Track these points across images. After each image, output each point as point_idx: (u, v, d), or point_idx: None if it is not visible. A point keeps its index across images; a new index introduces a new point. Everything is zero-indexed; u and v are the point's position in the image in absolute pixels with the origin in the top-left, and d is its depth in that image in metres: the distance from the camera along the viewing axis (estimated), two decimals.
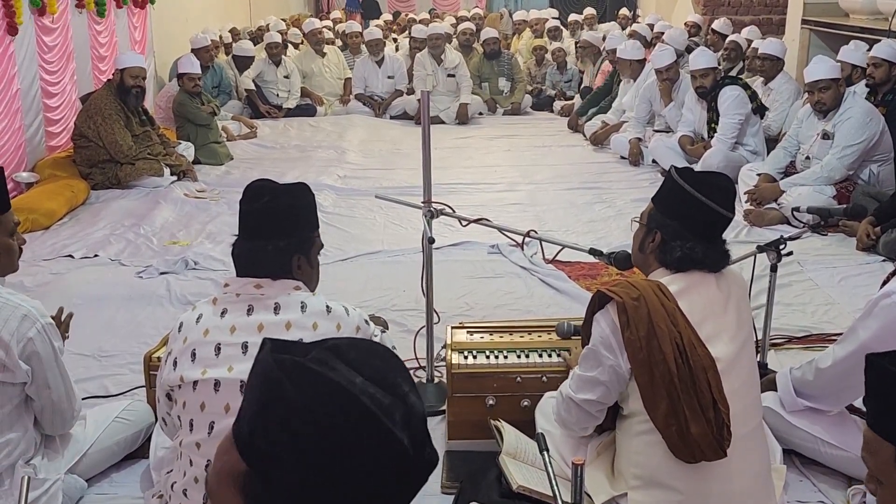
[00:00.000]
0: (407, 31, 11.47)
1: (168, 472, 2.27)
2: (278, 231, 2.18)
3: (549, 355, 2.82)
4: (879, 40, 5.75)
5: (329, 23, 12.49)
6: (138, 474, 2.72)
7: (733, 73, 7.49)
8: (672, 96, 6.96)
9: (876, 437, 1.33)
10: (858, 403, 2.68)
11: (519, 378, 2.75)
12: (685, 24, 10.02)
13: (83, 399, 2.86)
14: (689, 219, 2.22)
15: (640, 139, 7.13)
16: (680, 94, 6.89)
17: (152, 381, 2.73)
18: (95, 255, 4.86)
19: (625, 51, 7.75)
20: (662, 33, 8.70)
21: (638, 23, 10.58)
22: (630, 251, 2.53)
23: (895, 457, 1.30)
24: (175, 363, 2.16)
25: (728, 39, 8.37)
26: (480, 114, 9.51)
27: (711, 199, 2.20)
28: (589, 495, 2.23)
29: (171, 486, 2.18)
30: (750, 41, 7.76)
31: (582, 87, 9.61)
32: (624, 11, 12.74)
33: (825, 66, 5.15)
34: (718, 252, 2.25)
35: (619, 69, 7.99)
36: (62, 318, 2.66)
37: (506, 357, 2.81)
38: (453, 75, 9.22)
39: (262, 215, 2.17)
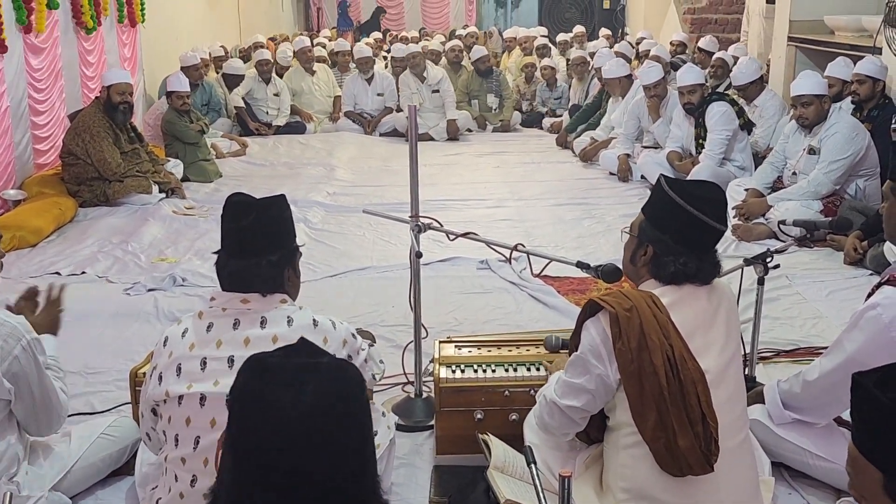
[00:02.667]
0: None
1: (153, 489, 2.26)
2: (270, 246, 2.18)
3: (538, 369, 2.81)
4: (864, 57, 5.80)
5: (323, 41, 12.53)
6: (123, 491, 2.70)
7: (720, 89, 7.54)
8: (660, 112, 7.00)
9: (862, 458, 1.31)
10: (846, 416, 2.68)
11: (507, 392, 2.74)
12: (671, 42, 10.11)
13: (69, 416, 2.84)
14: (681, 233, 2.20)
15: (628, 155, 7.16)
16: (668, 110, 6.93)
17: (138, 398, 2.71)
18: (83, 273, 4.84)
19: (609, 70, 7.80)
20: (649, 51, 8.80)
21: (619, 41, 10.69)
22: (617, 264, 2.54)
23: (882, 483, 1.28)
24: (160, 378, 2.14)
25: (714, 57, 8.45)
26: (470, 130, 9.54)
27: (703, 213, 2.18)
28: None
29: (156, 502, 2.16)
30: (736, 58, 7.84)
31: (570, 105, 9.66)
32: (605, 31, 12.84)
33: (810, 82, 5.20)
34: (710, 264, 2.24)
35: (609, 89, 8.04)
36: (53, 294, 2.64)
37: (494, 371, 2.80)
38: (438, 91, 9.25)
39: (254, 231, 2.16)
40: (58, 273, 4.81)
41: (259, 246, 2.16)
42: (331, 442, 1.19)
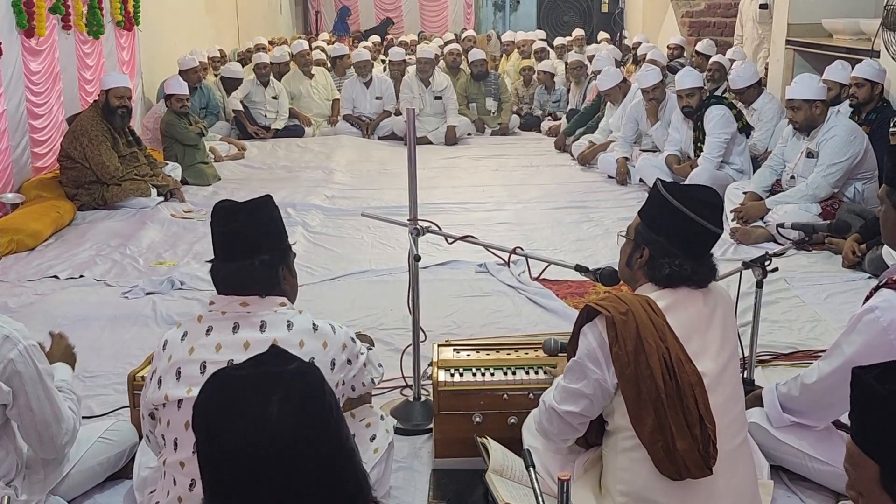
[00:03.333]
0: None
1: (151, 492, 2.26)
2: (262, 246, 2.18)
3: (536, 372, 2.81)
4: (862, 60, 5.81)
5: (322, 44, 12.53)
6: (122, 495, 2.69)
7: (718, 92, 7.55)
8: (658, 115, 7.01)
9: (860, 453, 1.32)
10: (845, 419, 2.68)
11: (506, 395, 2.74)
12: (668, 46, 10.14)
13: None
14: (677, 235, 2.21)
15: (627, 158, 7.16)
16: (666, 113, 6.94)
17: (136, 401, 2.71)
18: (81, 276, 4.83)
19: (604, 82, 7.79)
20: (646, 54, 8.82)
21: (615, 45, 10.74)
22: (616, 268, 2.54)
23: (878, 476, 1.29)
24: (160, 382, 2.14)
25: (711, 60, 8.47)
26: (469, 134, 9.54)
27: (699, 215, 2.19)
28: None
29: None
30: (733, 61, 7.86)
31: (568, 108, 9.66)
32: (604, 35, 12.89)
33: (801, 87, 5.20)
34: (706, 267, 2.25)
35: (609, 98, 7.97)
36: (56, 341, 2.70)
37: (492, 374, 2.80)
38: (440, 97, 9.26)
39: (244, 233, 2.16)
40: (56, 276, 4.81)
41: (250, 246, 2.16)
42: (304, 449, 1.18)
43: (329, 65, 10.71)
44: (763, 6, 8.92)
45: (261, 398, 1.20)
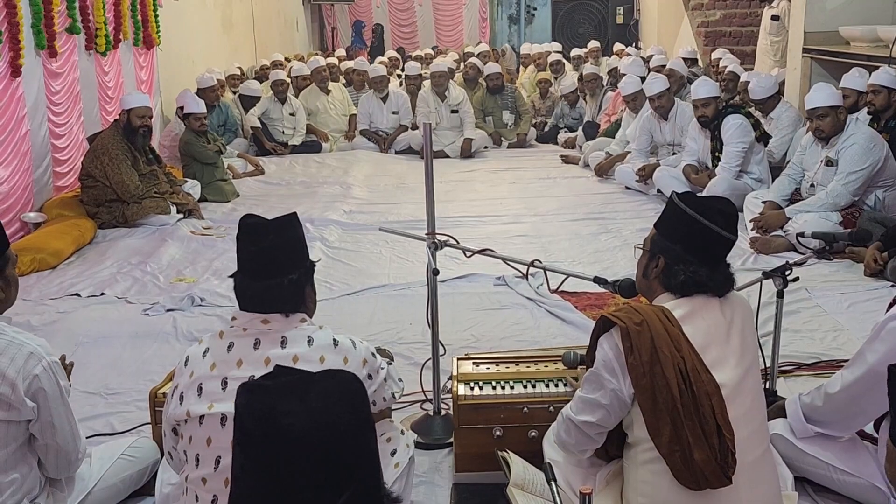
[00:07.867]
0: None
1: None
2: (291, 264, 2.19)
3: (556, 385, 2.80)
4: (880, 67, 5.78)
5: (334, 60, 12.60)
6: None
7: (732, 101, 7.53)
8: (667, 118, 7.04)
9: None
10: (869, 429, 2.65)
11: (526, 408, 2.74)
12: (679, 57, 10.12)
13: (89, 437, 2.86)
14: (691, 242, 2.21)
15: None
16: (678, 120, 6.97)
17: (158, 418, 2.73)
18: (102, 294, 4.86)
19: (628, 86, 7.77)
20: (663, 66, 8.81)
21: (629, 55, 10.72)
22: (634, 279, 2.54)
23: None
24: (181, 398, 2.15)
25: (727, 70, 8.45)
26: (486, 147, 9.56)
27: (713, 222, 2.20)
28: None
29: None
30: (748, 70, 7.83)
31: (585, 121, 9.62)
32: (619, 46, 12.90)
33: (824, 94, 5.18)
34: (722, 276, 2.24)
35: (636, 104, 7.83)
36: (64, 364, 2.68)
37: (512, 388, 2.80)
38: (456, 111, 9.29)
39: (274, 252, 2.16)
40: (77, 294, 4.85)
41: (280, 266, 2.17)
42: (345, 447, 1.20)
43: (345, 79, 10.76)
44: (775, 17, 8.89)
45: (300, 396, 1.23)
